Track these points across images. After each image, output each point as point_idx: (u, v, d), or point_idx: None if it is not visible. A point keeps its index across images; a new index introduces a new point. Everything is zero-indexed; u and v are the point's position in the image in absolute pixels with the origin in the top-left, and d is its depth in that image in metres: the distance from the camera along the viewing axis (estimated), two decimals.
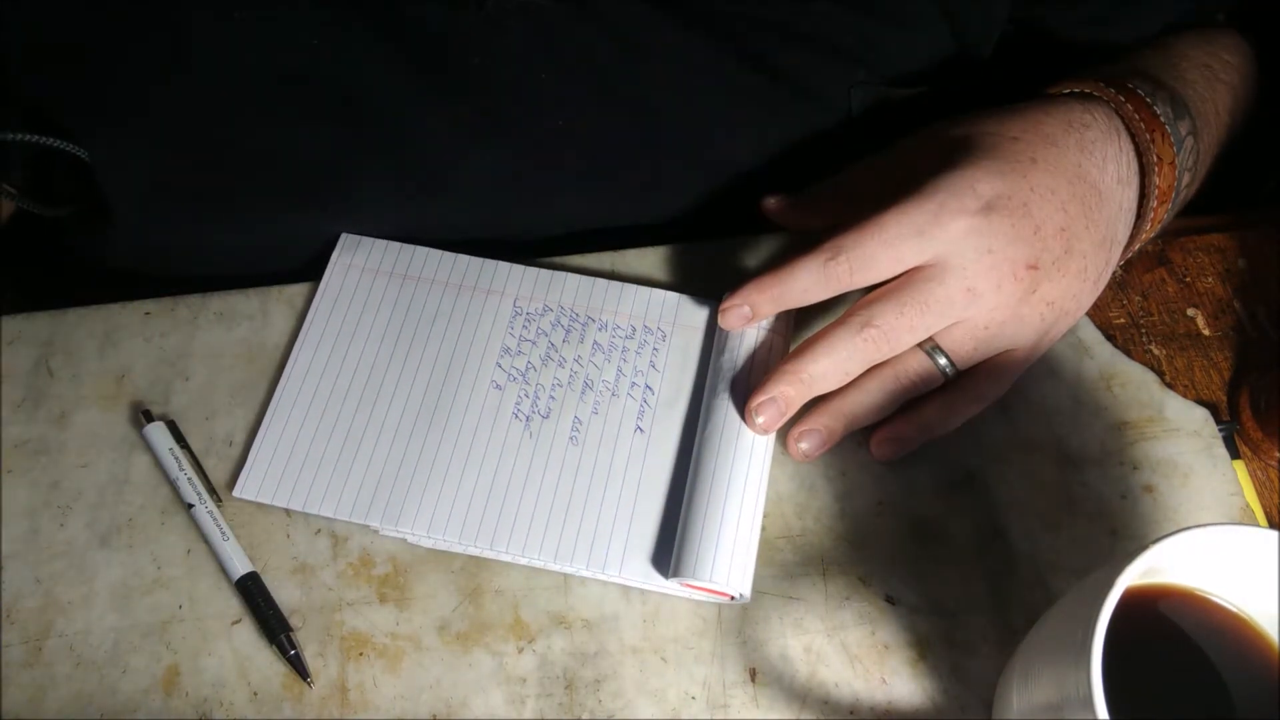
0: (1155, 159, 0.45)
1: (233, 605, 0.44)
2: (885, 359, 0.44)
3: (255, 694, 0.42)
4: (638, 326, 0.49)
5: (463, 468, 0.46)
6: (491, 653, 0.43)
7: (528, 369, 0.48)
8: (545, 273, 0.51)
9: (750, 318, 0.46)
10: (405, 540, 0.45)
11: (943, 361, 0.44)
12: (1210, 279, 0.52)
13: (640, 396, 0.48)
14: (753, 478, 0.44)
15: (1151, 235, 0.48)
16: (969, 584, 0.44)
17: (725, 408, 0.46)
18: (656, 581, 0.43)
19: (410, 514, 0.45)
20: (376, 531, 0.45)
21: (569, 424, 0.47)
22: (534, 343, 0.49)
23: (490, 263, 0.51)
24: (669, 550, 0.43)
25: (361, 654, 0.43)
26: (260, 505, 0.46)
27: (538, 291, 0.50)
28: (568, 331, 0.49)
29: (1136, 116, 0.46)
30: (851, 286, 0.43)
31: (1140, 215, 0.46)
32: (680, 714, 0.42)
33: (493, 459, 0.46)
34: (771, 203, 0.51)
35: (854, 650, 0.43)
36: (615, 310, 0.50)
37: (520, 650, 0.43)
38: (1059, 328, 0.46)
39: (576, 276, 0.51)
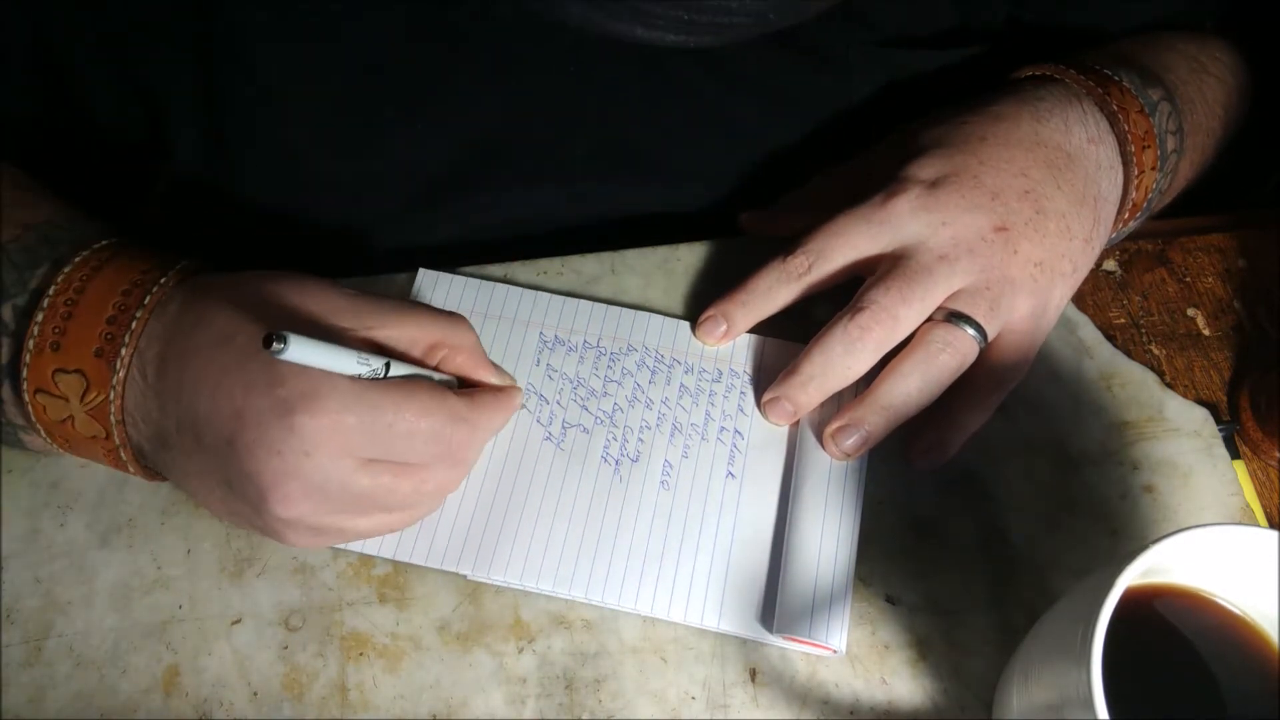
0: (1116, 108, 0.47)
1: (233, 605, 0.44)
2: (890, 340, 0.44)
3: (255, 694, 0.42)
4: (723, 370, 0.48)
5: (553, 513, 0.45)
6: (491, 653, 0.43)
7: (614, 410, 0.47)
8: (628, 312, 0.50)
9: (727, 331, 0.48)
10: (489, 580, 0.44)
11: (966, 325, 0.43)
12: (1210, 279, 0.52)
13: (730, 441, 0.47)
14: (845, 525, 0.44)
15: (1154, 188, 0.48)
16: (969, 584, 0.44)
17: (817, 455, 0.45)
18: (756, 631, 0.43)
19: (502, 561, 0.44)
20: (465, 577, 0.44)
21: (659, 468, 0.46)
22: (619, 383, 0.48)
23: (571, 301, 0.50)
24: (769, 600, 0.43)
25: (361, 654, 0.43)
26: None
27: (620, 331, 0.49)
28: (653, 373, 0.48)
29: (1090, 82, 0.47)
30: (812, 279, 0.46)
31: (1126, 163, 0.47)
32: (680, 714, 0.42)
33: (583, 504, 0.45)
34: (745, 217, 0.52)
35: (854, 650, 0.43)
36: (700, 353, 0.49)
37: (520, 650, 0.43)
38: (1059, 291, 0.46)
39: (660, 317, 0.50)
